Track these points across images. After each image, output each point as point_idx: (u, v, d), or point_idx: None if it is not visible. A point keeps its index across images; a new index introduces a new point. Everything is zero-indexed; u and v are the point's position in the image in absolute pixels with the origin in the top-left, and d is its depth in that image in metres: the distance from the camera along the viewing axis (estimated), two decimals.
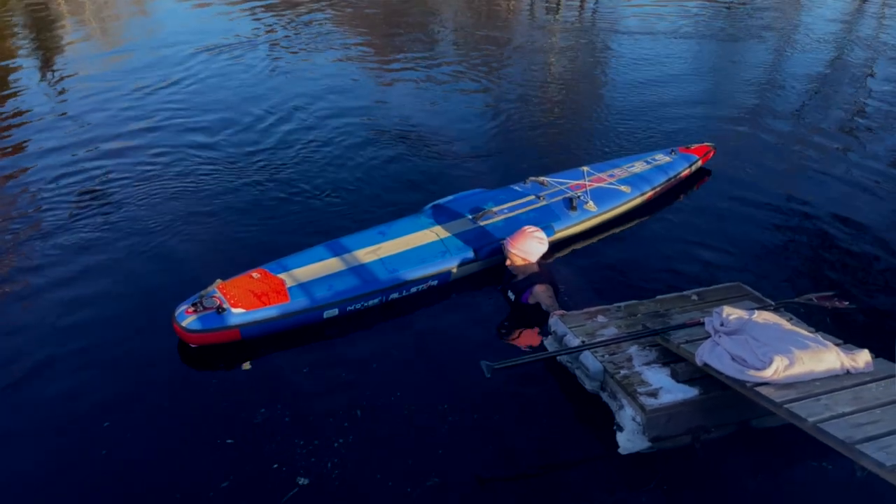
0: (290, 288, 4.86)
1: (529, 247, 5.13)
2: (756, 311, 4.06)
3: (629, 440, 3.89)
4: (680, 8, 15.62)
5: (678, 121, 8.95)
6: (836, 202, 6.88)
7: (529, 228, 5.24)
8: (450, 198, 6.08)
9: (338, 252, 5.28)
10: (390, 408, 4.24)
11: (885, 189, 7.18)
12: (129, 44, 12.46)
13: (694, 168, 7.06)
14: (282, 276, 4.98)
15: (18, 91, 9.97)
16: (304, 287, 4.89)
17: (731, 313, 4.03)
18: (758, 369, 3.56)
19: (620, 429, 3.95)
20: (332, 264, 5.14)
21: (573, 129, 8.86)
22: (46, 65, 11.27)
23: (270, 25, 13.44)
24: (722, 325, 4.00)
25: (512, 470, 3.92)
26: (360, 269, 5.11)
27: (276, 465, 3.82)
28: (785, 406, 3.36)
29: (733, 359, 3.71)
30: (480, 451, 3.97)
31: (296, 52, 11.66)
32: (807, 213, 6.67)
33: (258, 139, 8.05)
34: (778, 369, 3.51)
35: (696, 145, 7.32)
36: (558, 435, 4.12)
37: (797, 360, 3.55)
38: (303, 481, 3.71)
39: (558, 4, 16.34)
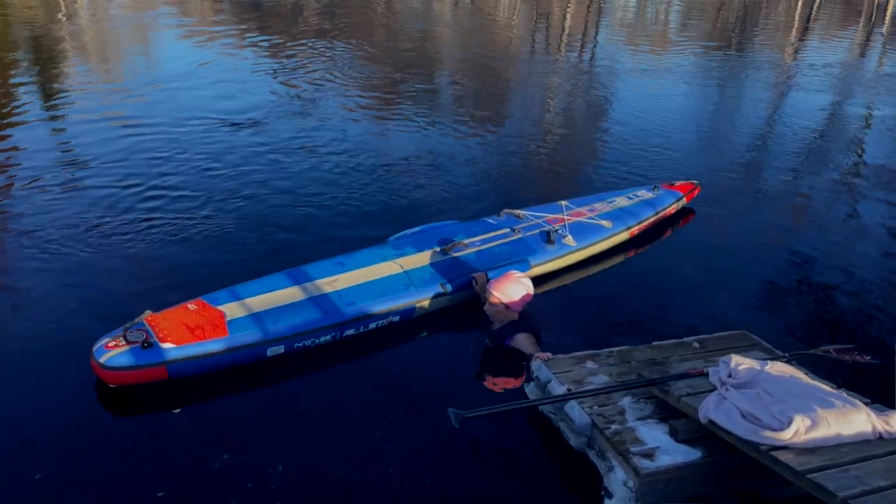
0: (229, 321, 4.40)
1: (514, 291, 4.69)
2: (769, 362, 3.66)
3: None
4: (674, 56, 15.81)
5: (663, 161, 8.80)
6: (835, 247, 6.79)
7: (516, 273, 4.85)
8: (417, 229, 5.71)
9: (288, 283, 4.84)
10: (338, 462, 3.75)
11: (886, 233, 7.10)
12: (125, 74, 12.09)
13: (679, 205, 6.88)
14: (222, 307, 4.51)
15: None
16: (246, 320, 4.43)
17: (741, 363, 3.63)
18: (774, 430, 3.13)
19: (609, 495, 3.52)
20: (280, 296, 4.69)
21: (551, 166, 8.67)
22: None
23: (268, 63, 13.15)
24: (730, 376, 3.59)
25: None
26: (311, 302, 4.67)
27: None
28: (808, 476, 2.92)
29: (744, 416, 3.28)
30: None
31: (270, 76, 11.45)
32: (806, 255, 6.54)
33: (218, 166, 7.63)
34: (798, 430, 3.09)
35: (681, 182, 7.19)
36: (537, 500, 3.65)
37: (821, 420, 3.14)
38: None
39: (560, 45, 16.36)
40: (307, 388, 4.33)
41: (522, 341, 4.64)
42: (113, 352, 4.06)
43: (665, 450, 3.52)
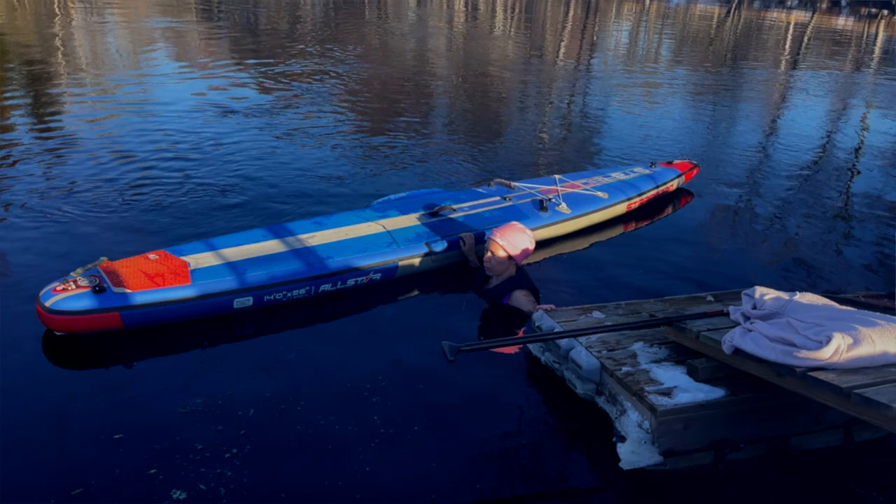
0: (193, 270, 4.03)
1: (518, 241, 4.37)
2: (797, 293, 3.29)
3: (634, 452, 3.04)
4: (668, 75, 15.90)
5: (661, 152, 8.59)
6: (848, 227, 6.61)
7: (518, 224, 4.55)
8: (402, 194, 5.40)
9: (261, 238, 4.49)
10: (309, 424, 3.32)
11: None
12: (117, 67, 12.02)
13: (677, 183, 6.65)
14: (186, 258, 4.14)
15: None
16: (211, 270, 4.07)
17: (766, 293, 3.27)
18: (811, 350, 2.74)
19: (622, 439, 3.11)
20: (251, 249, 4.34)
21: (547, 148, 8.57)
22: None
23: (262, 61, 13.21)
24: (755, 308, 3.22)
25: (483, 498, 3.01)
26: (285, 255, 4.32)
27: (153, 471, 2.90)
28: (856, 391, 2.54)
29: (774, 342, 2.90)
30: (440, 477, 3.07)
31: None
32: (822, 228, 6.46)
33: (202, 146, 7.41)
34: (839, 348, 2.71)
35: (679, 161, 6.98)
36: (542, 452, 3.27)
37: (864, 337, 2.77)
38: (179, 495, 2.78)
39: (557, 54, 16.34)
40: (276, 344, 3.94)
41: (521, 299, 4.28)
42: (61, 295, 3.67)
43: (684, 388, 3.14)
